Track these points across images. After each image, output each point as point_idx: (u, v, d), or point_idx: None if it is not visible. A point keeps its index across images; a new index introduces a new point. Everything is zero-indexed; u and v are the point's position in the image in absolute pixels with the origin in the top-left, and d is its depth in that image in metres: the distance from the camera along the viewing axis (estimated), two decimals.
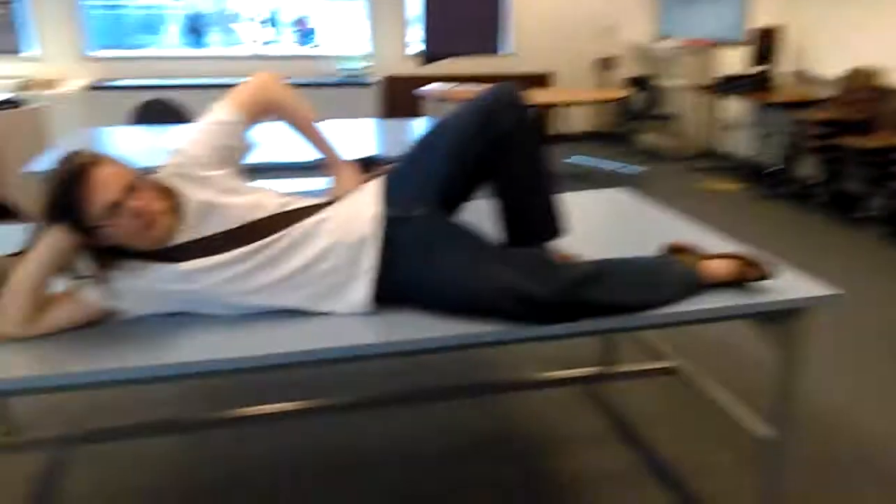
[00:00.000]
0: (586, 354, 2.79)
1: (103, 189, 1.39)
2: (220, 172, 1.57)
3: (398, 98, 6.94)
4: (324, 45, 7.17)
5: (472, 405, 2.52)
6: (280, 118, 1.69)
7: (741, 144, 6.37)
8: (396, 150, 3.43)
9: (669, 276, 1.67)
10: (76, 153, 1.43)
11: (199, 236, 1.53)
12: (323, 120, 1.74)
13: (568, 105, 6.23)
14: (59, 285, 1.50)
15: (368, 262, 1.56)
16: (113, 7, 6.70)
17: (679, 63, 6.72)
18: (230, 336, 1.48)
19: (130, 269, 1.50)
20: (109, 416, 2.45)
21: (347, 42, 7.11)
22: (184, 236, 1.52)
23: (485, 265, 1.54)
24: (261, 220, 1.56)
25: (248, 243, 1.53)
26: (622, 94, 6.22)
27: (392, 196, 1.63)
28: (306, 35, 8.11)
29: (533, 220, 1.69)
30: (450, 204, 1.67)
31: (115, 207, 1.40)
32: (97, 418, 2.42)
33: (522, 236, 1.69)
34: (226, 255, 1.51)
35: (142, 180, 1.46)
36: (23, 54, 6.18)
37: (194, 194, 1.53)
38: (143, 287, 1.50)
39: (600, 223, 2.20)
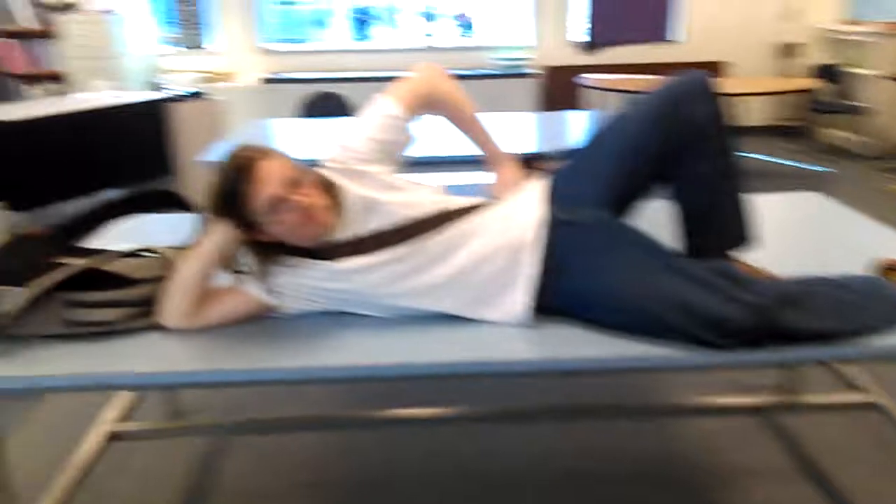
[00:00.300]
0: (763, 378, 2.50)
1: (267, 183, 1.37)
2: (381, 168, 1.52)
3: (559, 89, 6.75)
4: (483, 35, 7.11)
5: (630, 426, 2.34)
6: (441, 112, 1.61)
7: None
8: (556, 144, 3.29)
9: (879, 300, 1.42)
10: (242, 147, 1.43)
11: (356, 234, 1.48)
12: (481, 112, 1.65)
13: (746, 96, 5.75)
14: (222, 279, 1.50)
15: (529, 268, 1.45)
16: (286, 3, 7.00)
17: (874, 49, 6.02)
18: (381, 340, 1.43)
19: (289, 265, 1.48)
20: (266, 406, 2.50)
21: (507, 32, 7.00)
22: (342, 233, 1.48)
23: (661, 277, 1.37)
24: (418, 220, 1.49)
25: (406, 242, 1.46)
26: (808, 84, 5.66)
27: (558, 197, 1.50)
28: (466, 26, 8.13)
29: (719, 226, 1.50)
30: (622, 206, 1.51)
31: (278, 202, 1.38)
32: (254, 408, 2.48)
33: (705, 244, 1.51)
34: (382, 254, 1.45)
35: (304, 175, 1.43)
36: (205, 49, 6.60)
37: (354, 190, 1.49)
38: (301, 284, 1.48)
39: (792, 232, 1.94)
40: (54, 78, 6.36)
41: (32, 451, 2.19)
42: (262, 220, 1.40)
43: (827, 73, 6.32)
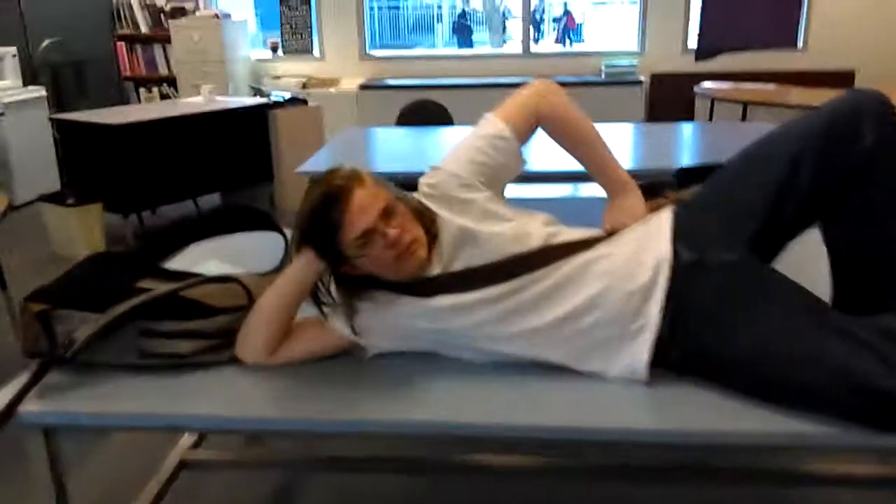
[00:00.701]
0: None
1: (360, 215, 1.23)
2: (483, 194, 1.35)
3: (668, 98, 6.40)
4: (590, 42, 6.85)
5: (751, 492, 2.05)
6: (554, 133, 1.43)
7: None
8: (665, 161, 3.02)
9: None
10: (334, 171, 1.29)
11: (454, 269, 1.32)
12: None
13: None
14: (305, 312, 1.38)
15: (650, 317, 1.25)
16: (389, 7, 6.96)
17: None
18: (475, 392, 1.27)
19: (378, 301, 1.33)
20: (348, 442, 2.34)
21: (615, 38, 6.71)
22: (437, 267, 1.33)
23: (813, 336, 1.14)
24: (523, 254, 1.31)
25: (508, 280, 1.29)
26: None
27: (688, 233, 1.29)
28: (574, 32, 7.87)
29: (886, 276, 1.25)
30: (765, 249, 1.28)
31: (370, 234, 1.24)
32: (335, 443, 2.35)
33: (869, 298, 1.25)
34: (482, 292, 1.29)
35: (398, 203, 1.29)
36: (310, 54, 6.65)
37: (453, 219, 1.33)
38: (390, 322, 1.33)
39: None
40: (166, 81, 6.57)
41: (99, 480, 2.12)
42: (353, 253, 1.26)
43: None
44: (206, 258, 1.65)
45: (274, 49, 6.65)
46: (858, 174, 1.18)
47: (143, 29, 6.51)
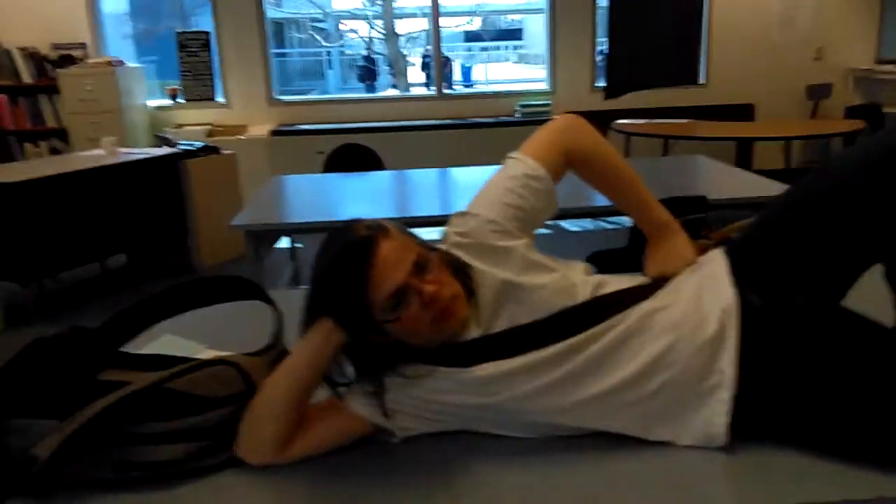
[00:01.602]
0: None
1: (390, 270, 1.04)
2: (521, 242, 1.18)
3: None
4: (488, 84, 6.89)
5: None
6: (586, 172, 1.27)
7: None
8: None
9: None
10: (353, 223, 1.09)
11: (495, 329, 1.13)
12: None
13: (781, 140, 5.50)
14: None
15: (724, 372, 1.10)
16: (276, 54, 6.73)
17: None
18: (531, 477, 1.07)
19: (406, 374, 1.12)
20: None
21: (522, 78, 6.78)
22: (476, 329, 1.13)
23: None
24: (574, 309, 1.14)
25: (561, 340, 1.11)
26: (852, 125, 5.41)
27: (751, 277, 1.16)
28: (463, 75, 7.94)
29: None
30: (833, 290, 1.17)
31: (403, 293, 1.04)
32: None
33: None
34: (532, 356, 1.10)
35: (431, 255, 1.09)
36: (213, 101, 6.32)
37: (491, 272, 1.14)
38: (424, 398, 1.13)
39: None
40: (54, 135, 6.05)
41: None
42: (383, 317, 1.05)
43: (865, 114, 6.08)
44: (177, 341, 1.39)
45: (173, 96, 6.28)
46: None
47: (26, 78, 5.99)
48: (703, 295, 1.16)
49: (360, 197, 3.38)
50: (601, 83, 6.51)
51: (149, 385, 1.05)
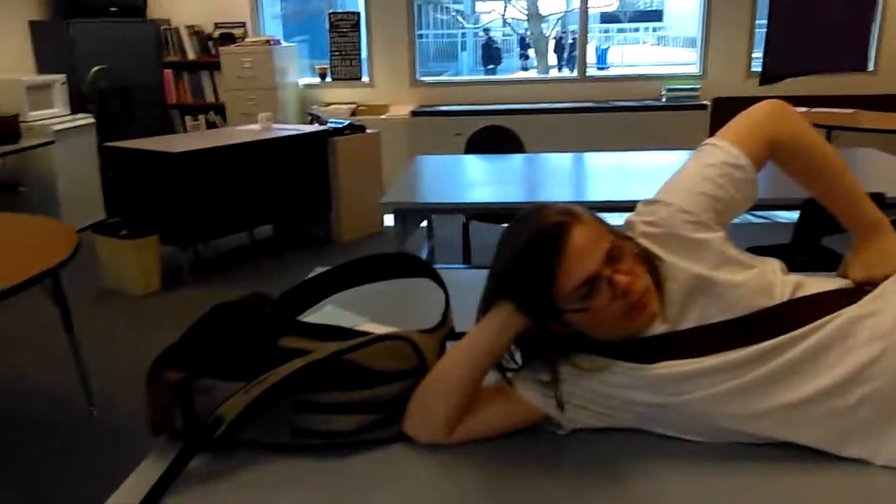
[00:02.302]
0: None
1: (582, 258, 1.00)
2: (717, 234, 1.10)
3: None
4: (615, 67, 6.64)
5: None
6: (790, 163, 1.18)
7: None
8: (782, 190, 2.77)
9: None
10: (543, 207, 1.06)
11: (684, 326, 1.07)
12: (647, 149, 1.20)
13: None
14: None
15: None
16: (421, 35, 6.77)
17: None
18: (715, 488, 1.00)
19: (582, 366, 1.09)
20: None
21: (672, 61, 6.50)
22: (663, 325, 1.08)
23: None
24: (772, 310, 1.06)
25: (753, 343, 1.04)
26: None
27: None
28: (598, 58, 7.67)
29: None
30: None
31: (594, 282, 1.00)
32: None
33: None
34: (722, 357, 1.04)
35: (624, 244, 1.05)
36: (360, 80, 6.49)
37: (683, 265, 1.08)
38: (599, 392, 1.09)
39: None
40: (212, 109, 6.43)
41: None
42: (571, 305, 1.02)
43: None
44: (349, 314, 1.43)
45: (322, 76, 6.50)
46: None
47: (191, 55, 6.40)
48: None
49: (500, 179, 3.36)
50: (757, 68, 6.13)
51: (329, 355, 1.08)
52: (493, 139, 4.22)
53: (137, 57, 6.14)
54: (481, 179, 3.41)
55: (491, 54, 8.77)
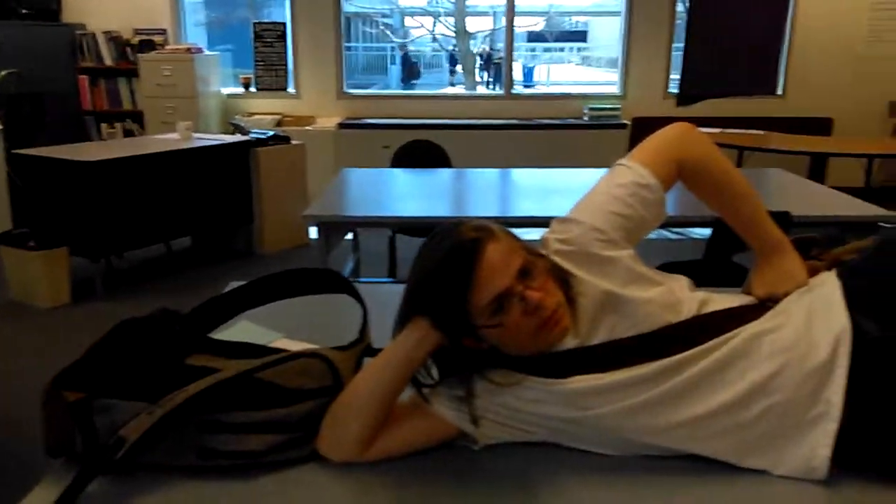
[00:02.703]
0: None
1: (495, 274, 1.01)
2: (627, 252, 1.13)
3: None
4: (540, 86, 6.80)
5: None
6: (696, 185, 1.22)
7: None
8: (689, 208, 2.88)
9: None
10: (461, 223, 1.06)
11: (593, 341, 1.09)
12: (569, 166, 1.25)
13: (861, 157, 5.29)
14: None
15: (831, 402, 1.04)
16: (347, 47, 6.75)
17: None
18: (621, 499, 1.02)
19: (496, 381, 1.09)
20: None
21: (592, 82, 6.67)
22: (573, 340, 1.10)
23: None
24: (679, 325, 1.09)
25: (660, 358, 1.07)
26: None
27: (867, 303, 1.09)
28: (524, 76, 7.83)
29: None
30: None
31: (507, 298, 1.01)
32: None
33: None
34: (631, 371, 1.06)
35: (537, 261, 1.06)
36: (284, 91, 6.40)
37: (594, 282, 1.10)
38: (513, 407, 1.10)
39: None
40: (129, 116, 6.22)
41: None
42: (483, 322, 1.03)
43: None
44: (260, 331, 1.39)
45: (246, 85, 6.39)
46: None
47: (108, 61, 6.18)
48: (813, 319, 1.09)
49: (427, 193, 3.36)
50: (674, 89, 6.37)
51: (240, 373, 1.05)
52: (420, 153, 4.23)
53: (50, 62, 5.89)
54: (408, 193, 3.41)
55: (411, 70, 8.78)
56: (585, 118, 6.31)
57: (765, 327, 1.08)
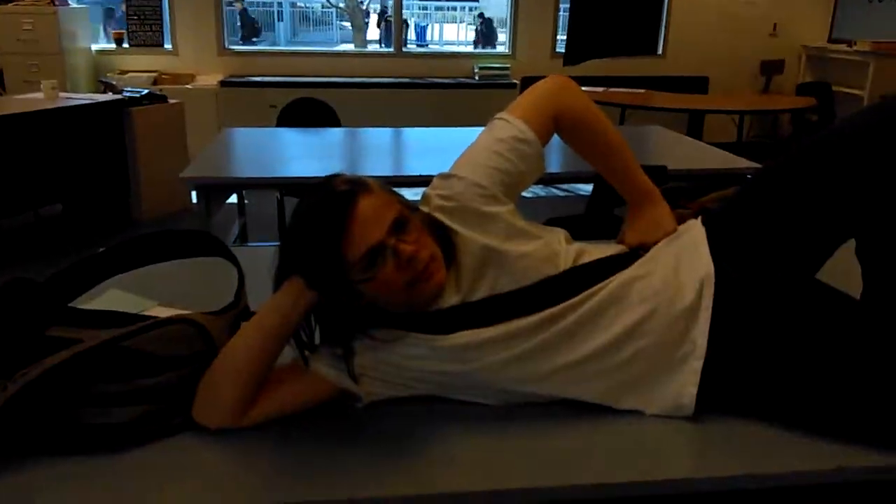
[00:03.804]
0: None
1: (367, 227, 0.99)
2: (506, 208, 1.14)
3: None
4: (433, 45, 6.77)
5: None
6: (571, 136, 1.23)
7: None
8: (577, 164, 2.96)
9: None
10: (332, 178, 1.03)
11: (475, 297, 1.10)
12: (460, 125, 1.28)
13: (735, 113, 5.57)
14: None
15: (696, 342, 1.10)
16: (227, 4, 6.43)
17: (866, 69, 5.93)
18: (497, 444, 1.05)
19: (378, 338, 1.08)
20: None
21: (480, 42, 6.68)
22: (455, 296, 1.10)
23: (887, 358, 1.03)
24: (556, 278, 1.11)
25: (539, 310, 1.08)
26: (802, 102, 5.50)
27: (729, 248, 1.15)
28: (417, 35, 7.73)
29: None
30: (811, 263, 1.17)
31: (379, 252, 1.00)
32: None
33: None
34: (512, 324, 1.08)
35: (412, 215, 1.05)
36: (160, 47, 6.05)
37: (474, 237, 1.10)
38: (395, 364, 1.09)
39: None
40: None
41: None
42: (357, 276, 1.01)
43: (815, 91, 6.21)
44: (120, 294, 1.32)
45: (118, 41, 5.99)
46: None
47: None
48: (680, 265, 1.14)
49: (316, 153, 3.28)
50: (561, 49, 6.46)
51: (102, 343, 0.98)
52: (308, 112, 4.10)
53: None
54: (295, 153, 3.31)
55: (244, 24, 8.09)
56: (476, 77, 6.32)
57: (635, 274, 1.12)
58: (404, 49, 6.52)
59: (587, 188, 4.31)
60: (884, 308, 1.15)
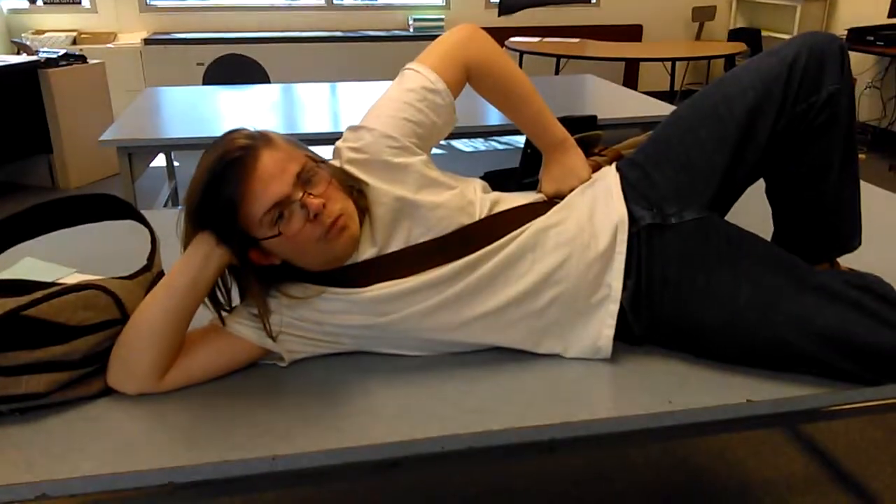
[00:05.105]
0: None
1: (270, 181, 0.97)
2: (419, 158, 1.13)
3: None
4: None
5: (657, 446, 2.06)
6: (482, 86, 1.23)
7: (870, 109, 5.69)
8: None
9: None
10: (233, 132, 1.01)
11: (391, 249, 1.10)
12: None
13: (667, 61, 5.62)
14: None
15: (612, 286, 1.12)
16: None
17: (793, 13, 6.03)
18: (417, 397, 1.06)
19: (294, 295, 1.08)
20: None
21: None
22: (370, 249, 1.09)
23: (792, 296, 1.07)
24: (471, 227, 1.12)
25: (454, 259, 1.09)
26: (733, 48, 5.58)
27: (642, 193, 1.17)
28: None
29: (833, 227, 1.22)
30: (720, 204, 1.20)
31: (285, 206, 0.98)
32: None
33: (811, 248, 1.22)
34: (428, 275, 1.08)
35: (319, 168, 1.03)
36: (77, 4, 5.75)
37: (386, 189, 1.09)
38: (314, 320, 1.09)
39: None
40: None
41: None
42: (263, 233, 0.99)
43: (745, 37, 6.30)
44: (38, 265, 1.27)
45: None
46: (815, 125, 1.12)
47: None
48: (595, 211, 1.16)
49: (244, 111, 3.20)
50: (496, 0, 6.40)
51: (6, 313, 0.95)
52: (235, 69, 4.00)
53: None
54: (224, 112, 3.21)
55: None
56: (411, 29, 6.21)
57: (550, 221, 1.14)
58: (336, 2, 6.35)
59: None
60: (791, 245, 1.19)
